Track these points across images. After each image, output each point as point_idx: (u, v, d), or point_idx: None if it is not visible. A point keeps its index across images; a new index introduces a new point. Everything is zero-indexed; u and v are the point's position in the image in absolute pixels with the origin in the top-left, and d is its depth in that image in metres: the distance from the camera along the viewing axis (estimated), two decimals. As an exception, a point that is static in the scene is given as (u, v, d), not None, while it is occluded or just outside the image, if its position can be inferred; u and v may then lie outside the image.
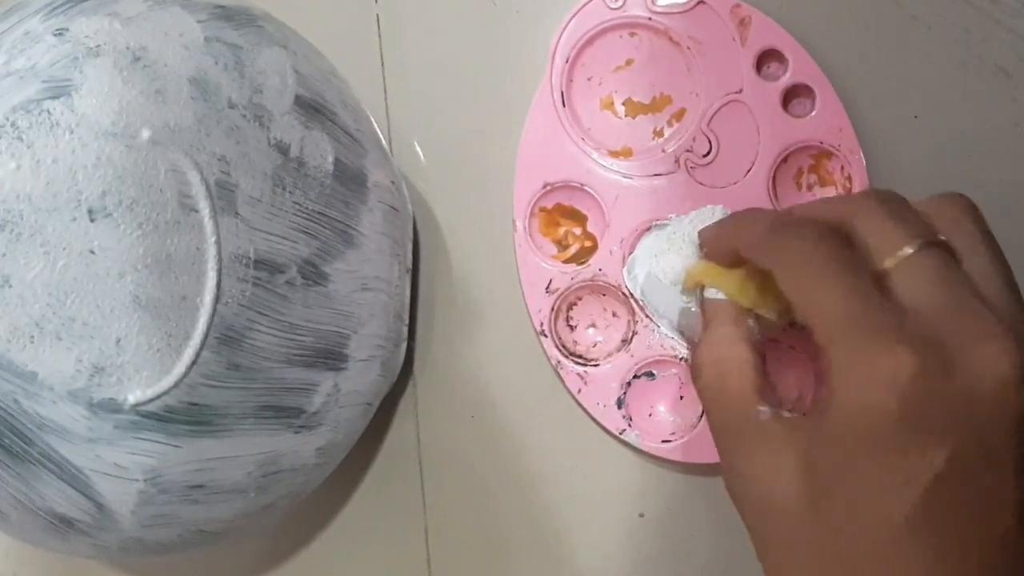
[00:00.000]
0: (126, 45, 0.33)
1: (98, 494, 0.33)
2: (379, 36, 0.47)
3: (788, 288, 0.30)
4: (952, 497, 0.27)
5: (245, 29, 0.36)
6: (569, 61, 0.44)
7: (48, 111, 0.31)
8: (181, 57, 0.34)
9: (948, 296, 0.28)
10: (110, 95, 0.32)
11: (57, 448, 0.32)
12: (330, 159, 0.37)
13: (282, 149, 0.35)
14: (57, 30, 0.33)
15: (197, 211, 0.33)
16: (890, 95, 0.45)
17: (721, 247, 0.36)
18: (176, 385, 0.33)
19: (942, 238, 0.30)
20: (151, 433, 0.33)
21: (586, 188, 0.44)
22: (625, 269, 0.44)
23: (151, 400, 0.32)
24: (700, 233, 0.37)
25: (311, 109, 0.37)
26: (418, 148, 0.47)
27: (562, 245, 0.45)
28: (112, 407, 0.32)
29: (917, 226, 0.30)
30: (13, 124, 0.31)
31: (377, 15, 0.47)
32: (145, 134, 0.32)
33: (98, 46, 0.33)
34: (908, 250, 0.29)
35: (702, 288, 0.36)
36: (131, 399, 0.32)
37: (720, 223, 0.37)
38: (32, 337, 0.31)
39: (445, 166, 0.47)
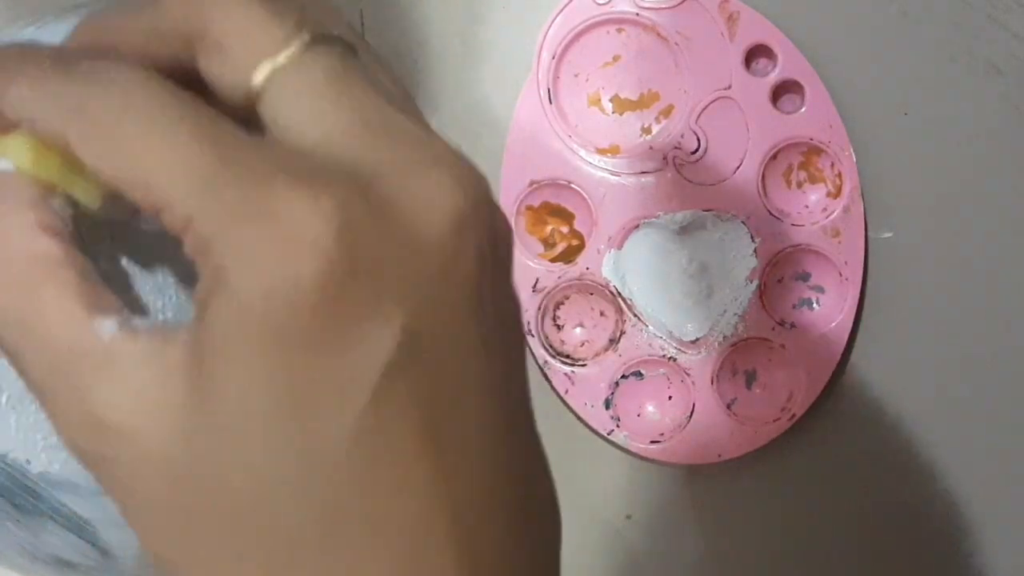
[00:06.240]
0: None
1: (104, 542, 0.33)
2: (363, 32, 0.46)
3: (102, 160, 0.21)
4: (411, 390, 0.21)
5: None
6: (556, 57, 0.44)
7: None
8: None
9: (355, 108, 0.21)
10: None
11: (66, 502, 0.32)
12: None
13: None
14: None
15: None
16: (880, 91, 0.45)
17: None
18: None
19: (333, 32, 0.22)
20: None
21: (573, 186, 0.44)
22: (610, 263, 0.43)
23: None
24: None
25: None
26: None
27: (549, 243, 0.44)
28: None
29: (295, 18, 0.22)
30: None
31: (361, 11, 0.46)
32: None
33: None
34: (285, 54, 0.21)
35: None
36: None
37: None
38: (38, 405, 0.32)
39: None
